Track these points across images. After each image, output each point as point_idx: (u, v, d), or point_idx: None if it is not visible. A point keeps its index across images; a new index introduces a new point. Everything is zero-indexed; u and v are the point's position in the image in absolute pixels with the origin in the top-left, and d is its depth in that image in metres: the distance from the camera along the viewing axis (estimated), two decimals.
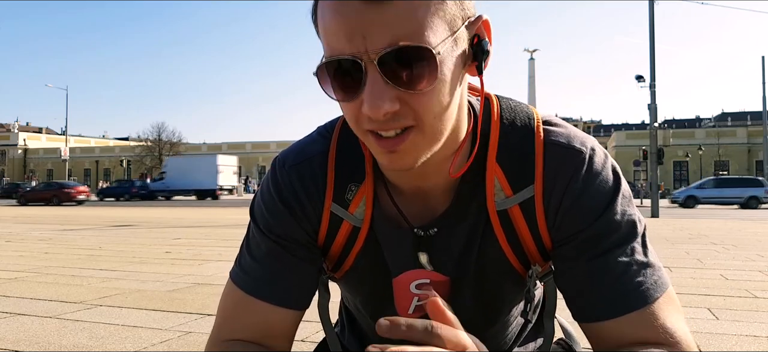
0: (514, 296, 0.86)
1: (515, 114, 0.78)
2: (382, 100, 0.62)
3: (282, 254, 0.80)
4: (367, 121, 0.65)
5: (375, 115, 0.62)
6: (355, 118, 0.67)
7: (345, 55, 0.62)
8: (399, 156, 0.66)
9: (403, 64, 0.61)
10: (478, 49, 0.68)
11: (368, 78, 0.62)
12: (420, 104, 0.64)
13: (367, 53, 0.61)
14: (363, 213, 0.80)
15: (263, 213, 0.82)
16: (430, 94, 0.64)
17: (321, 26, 0.65)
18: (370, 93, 0.62)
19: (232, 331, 0.81)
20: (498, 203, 0.76)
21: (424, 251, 0.80)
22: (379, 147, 0.66)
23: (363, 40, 0.61)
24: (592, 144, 0.76)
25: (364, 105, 0.63)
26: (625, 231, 0.73)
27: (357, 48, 0.61)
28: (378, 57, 0.61)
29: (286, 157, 0.84)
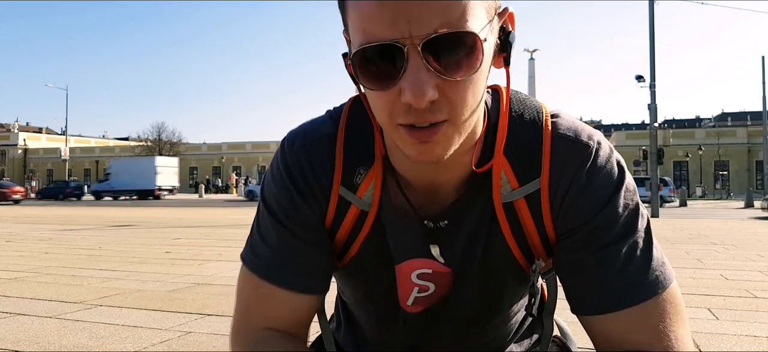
0: (516, 290, 0.86)
1: (524, 107, 0.78)
2: (425, 86, 0.60)
3: (294, 238, 0.80)
4: (404, 114, 0.63)
5: (418, 103, 0.60)
6: (388, 109, 0.64)
7: (387, 40, 0.60)
8: (430, 148, 0.65)
9: (446, 51, 0.60)
10: (506, 41, 0.68)
11: (410, 65, 0.60)
12: (458, 95, 0.62)
13: (411, 38, 0.59)
14: (371, 197, 0.79)
15: (274, 194, 0.81)
16: (468, 83, 0.63)
17: (355, 11, 0.63)
18: (413, 80, 0.60)
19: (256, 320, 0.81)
20: (504, 195, 0.76)
21: (435, 244, 0.80)
22: (410, 138, 0.64)
23: (407, 25, 0.59)
24: (599, 138, 0.77)
25: (405, 92, 0.60)
26: (626, 225, 0.72)
27: (401, 33, 0.59)
28: (422, 42, 0.59)
29: (294, 138, 0.82)
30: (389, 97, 0.63)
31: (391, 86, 0.62)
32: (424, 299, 0.85)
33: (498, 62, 0.70)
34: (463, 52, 0.61)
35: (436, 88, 0.61)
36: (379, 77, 0.63)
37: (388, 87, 0.62)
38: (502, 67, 0.70)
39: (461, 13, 0.60)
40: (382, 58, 0.61)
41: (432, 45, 0.59)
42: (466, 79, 0.62)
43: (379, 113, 0.67)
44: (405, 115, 0.63)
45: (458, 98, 0.63)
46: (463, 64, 0.61)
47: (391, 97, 0.63)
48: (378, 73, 0.62)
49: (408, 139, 0.65)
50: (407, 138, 0.65)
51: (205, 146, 69.87)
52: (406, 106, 0.62)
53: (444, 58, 0.60)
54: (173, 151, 58.59)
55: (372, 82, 0.64)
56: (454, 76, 0.61)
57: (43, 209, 21.17)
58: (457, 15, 0.60)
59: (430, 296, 0.84)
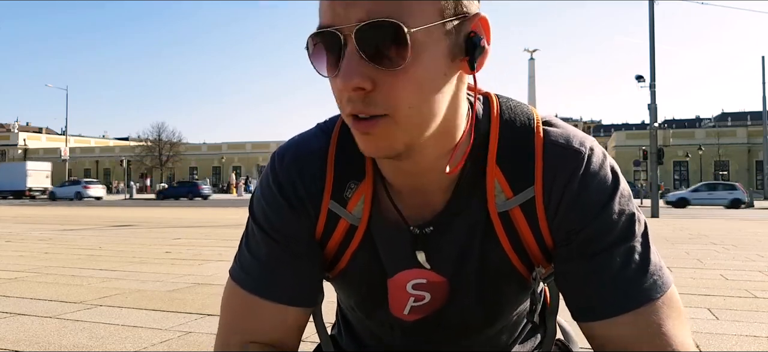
0: (517, 297, 0.85)
1: (515, 114, 0.78)
2: (352, 72, 0.62)
3: (282, 251, 0.79)
4: (347, 103, 0.65)
5: (346, 87, 0.62)
6: (339, 97, 0.67)
7: (327, 27, 0.63)
8: (372, 140, 0.66)
9: (375, 40, 0.61)
10: (469, 45, 0.67)
11: (347, 51, 0.62)
12: (392, 89, 0.63)
13: (348, 25, 0.62)
14: (361, 212, 0.79)
15: (263, 208, 0.81)
16: (405, 77, 0.63)
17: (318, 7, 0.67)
18: (345, 65, 0.62)
19: (241, 334, 0.80)
20: (499, 204, 0.76)
21: (421, 250, 0.79)
22: (355, 128, 0.67)
23: (344, 13, 0.62)
24: (591, 144, 0.76)
25: (338, 78, 0.63)
26: (623, 230, 0.72)
27: (339, 20, 0.62)
28: (355, 29, 0.61)
29: (285, 152, 0.82)
30: (336, 84, 0.65)
31: (335, 74, 0.64)
32: (420, 308, 0.84)
33: (463, 67, 0.69)
34: (392, 43, 0.62)
35: (370, 80, 0.62)
36: (330, 65, 0.65)
37: (333, 74, 0.65)
38: (468, 71, 0.69)
39: (397, 7, 0.61)
40: (327, 46, 0.64)
41: (362, 33, 0.61)
42: (400, 72, 0.62)
43: (337, 102, 0.69)
44: (347, 104, 0.65)
45: (393, 92, 0.63)
46: (392, 56, 0.62)
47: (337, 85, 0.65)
48: (328, 61, 0.65)
49: (355, 130, 0.67)
50: (354, 129, 0.67)
51: (205, 146, 69.86)
52: (346, 94, 0.64)
53: (375, 47, 0.62)
54: (173, 151, 58.55)
55: (322, 68, 0.66)
56: (385, 66, 0.62)
57: (43, 209, 21.16)
58: (392, 7, 0.61)
59: (427, 305, 0.83)
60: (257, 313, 0.79)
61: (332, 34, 0.63)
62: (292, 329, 0.82)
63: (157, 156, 57.97)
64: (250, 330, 0.80)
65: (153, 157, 58.40)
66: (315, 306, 0.84)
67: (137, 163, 57.87)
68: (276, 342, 0.81)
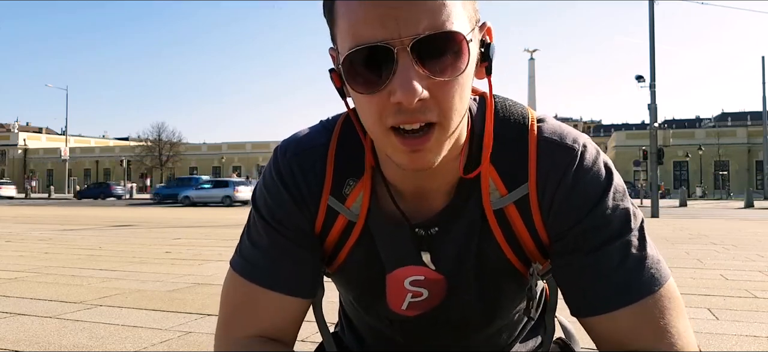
0: (515, 294, 0.86)
1: (509, 113, 0.79)
2: (416, 84, 0.61)
3: (284, 241, 0.80)
4: (394, 115, 0.64)
5: (408, 101, 0.61)
6: (378, 112, 0.65)
7: (376, 41, 0.61)
8: (422, 155, 0.66)
9: (434, 52, 0.62)
10: (486, 52, 0.70)
11: (399, 65, 0.61)
12: (446, 96, 0.64)
13: (400, 39, 0.61)
14: (359, 208, 0.80)
15: (265, 199, 0.82)
16: (455, 84, 0.64)
17: (344, 16, 0.64)
18: (403, 79, 0.61)
19: (241, 324, 0.81)
20: (493, 202, 0.77)
21: (426, 251, 0.80)
22: (402, 145, 0.65)
23: (396, 26, 0.61)
24: (584, 140, 0.77)
25: (396, 92, 0.61)
26: (618, 225, 0.73)
27: (390, 34, 0.61)
28: (412, 42, 0.61)
29: (287, 146, 0.84)
30: (379, 100, 0.64)
31: (380, 89, 0.63)
32: (418, 304, 0.85)
33: (480, 73, 0.72)
34: (450, 52, 0.63)
35: (425, 89, 0.62)
36: (368, 81, 0.64)
37: (377, 90, 0.63)
38: (484, 77, 0.72)
39: (448, 16, 0.62)
40: (371, 62, 0.63)
41: (420, 45, 0.61)
42: (453, 80, 0.64)
43: (369, 118, 0.67)
44: (395, 115, 0.64)
45: (447, 100, 0.64)
46: (450, 65, 0.63)
47: (381, 100, 0.64)
48: (367, 77, 0.64)
49: (400, 147, 0.66)
50: (399, 146, 0.66)
51: (205, 146, 69.91)
52: (395, 107, 0.63)
53: (432, 58, 0.62)
54: (173, 151, 58.54)
55: (361, 86, 0.65)
56: (442, 76, 0.63)
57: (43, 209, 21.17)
58: (444, 17, 0.62)
59: (425, 301, 0.84)
60: (257, 302, 0.80)
61: (381, 49, 0.61)
62: (291, 320, 0.82)
63: (157, 156, 57.97)
64: (250, 320, 0.81)
65: (153, 157, 58.40)
66: (314, 298, 0.85)
67: (137, 163, 57.88)
68: (275, 332, 0.82)
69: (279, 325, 0.82)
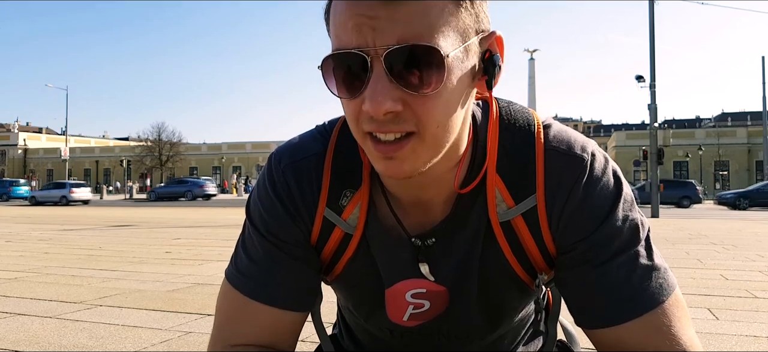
0: (519, 303, 0.85)
1: (514, 119, 0.77)
2: (384, 97, 0.60)
3: (279, 254, 0.78)
4: (367, 122, 0.63)
5: (375, 113, 0.60)
6: (355, 117, 0.65)
7: (351, 48, 0.61)
8: (396, 163, 0.64)
9: (410, 65, 0.60)
10: (489, 64, 0.67)
11: (373, 74, 0.60)
12: (423, 110, 0.62)
13: (375, 48, 0.60)
14: (356, 220, 0.78)
15: (260, 211, 0.80)
16: (435, 100, 0.62)
17: (332, 22, 0.64)
18: (372, 89, 0.60)
19: (234, 336, 0.79)
20: (500, 214, 0.74)
21: (424, 261, 0.78)
22: (376, 151, 0.64)
23: (372, 34, 0.59)
24: (593, 149, 0.75)
25: (365, 102, 0.61)
26: (627, 237, 0.72)
27: (365, 41, 0.60)
28: (385, 52, 0.59)
29: (282, 155, 0.81)
30: (355, 105, 0.63)
31: (357, 95, 0.62)
32: (420, 315, 0.83)
33: (480, 86, 0.69)
34: (428, 67, 0.60)
35: (401, 101, 0.61)
36: (346, 85, 0.63)
37: (354, 96, 0.63)
38: (484, 91, 0.69)
39: (427, 28, 0.60)
40: (350, 67, 0.62)
41: (394, 57, 0.59)
42: (430, 95, 0.61)
43: (350, 122, 0.67)
44: (368, 122, 0.63)
45: (424, 113, 0.62)
46: (425, 80, 0.61)
47: (357, 105, 0.63)
48: (345, 81, 0.63)
49: (375, 153, 0.65)
50: (374, 152, 0.65)
51: (205, 146, 69.89)
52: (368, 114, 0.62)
53: (407, 71, 0.60)
54: (173, 151, 58.50)
55: (340, 90, 0.64)
56: (417, 90, 0.61)
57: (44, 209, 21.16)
58: (422, 29, 0.59)
59: (427, 312, 0.83)
60: (252, 316, 0.79)
61: (356, 56, 0.61)
62: (287, 333, 0.81)
63: (157, 156, 57.93)
64: (244, 332, 0.79)
65: (153, 157, 58.36)
66: (311, 310, 0.84)
67: (137, 163, 57.83)
68: (271, 344, 0.80)
69: (276, 338, 0.80)
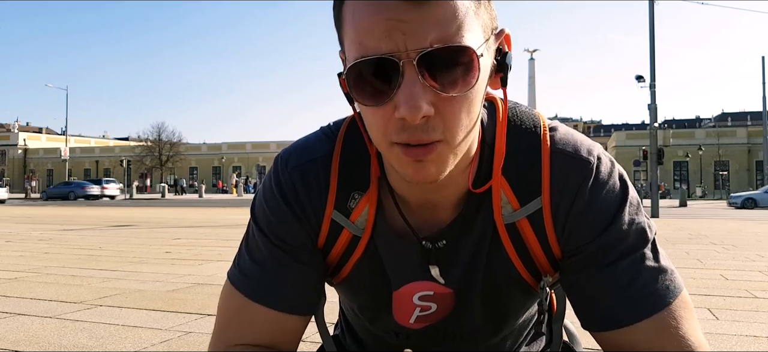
0: (523, 304, 0.85)
1: (521, 121, 0.76)
2: (420, 101, 0.58)
3: (284, 257, 0.78)
4: (398, 132, 0.61)
5: (412, 118, 0.59)
6: (383, 126, 0.63)
7: (382, 53, 0.59)
8: (425, 167, 0.63)
9: (443, 67, 0.59)
10: (503, 61, 0.67)
11: (405, 79, 0.59)
12: (452, 113, 0.61)
13: (407, 52, 0.58)
14: (364, 222, 0.78)
15: (265, 213, 0.79)
16: (464, 100, 0.61)
17: (351, 25, 0.62)
18: (407, 94, 0.58)
19: (235, 338, 0.79)
20: (505, 216, 0.74)
21: (434, 264, 0.78)
22: (405, 156, 0.63)
23: (403, 38, 0.58)
24: (599, 152, 0.75)
25: (400, 107, 0.59)
26: (634, 239, 0.72)
27: (396, 46, 0.58)
28: (418, 56, 0.58)
29: (289, 157, 0.81)
30: (384, 113, 0.62)
31: (386, 102, 0.61)
32: (427, 317, 0.83)
33: (495, 83, 0.69)
34: (459, 67, 0.60)
35: (431, 105, 0.60)
36: (373, 93, 0.61)
37: (382, 102, 0.61)
38: (499, 88, 0.69)
39: (457, 29, 0.59)
40: (377, 73, 0.60)
41: (427, 59, 0.58)
42: (461, 96, 0.61)
43: (374, 131, 0.65)
44: (399, 132, 0.61)
45: (453, 116, 0.61)
46: (458, 80, 0.60)
47: (386, 114, 0.61)
48: (373, 89, 0.61)
49: (403, 158, 0.63)
50: (402, 157, 0.63)
51: (205, 146, 69.89)
52: (400, 122, 0.60)
53: (439, 73, 0.59)
54: (173, 151, 58.50)
55: (366, 98, 0.62)
56: (450, 91, 0.60)
57: (43, 209, 21.16)
58: (453, 30, 0.59)
59: (433, 314, 0.83)
60: (253, 318, 0.78)
61: (386, 61, 0.59)
62: (289, 336, 0.80)
63: (157, 156, 57.93)
64: (245, 334, 0.79)
65: (153, 157, 58.35)
66: (314, 313, 0.84)
67: (137, 163, 57.84)
68: (272, 346, 0.80)
69: (277, 340, 0.80)
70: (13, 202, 32.10)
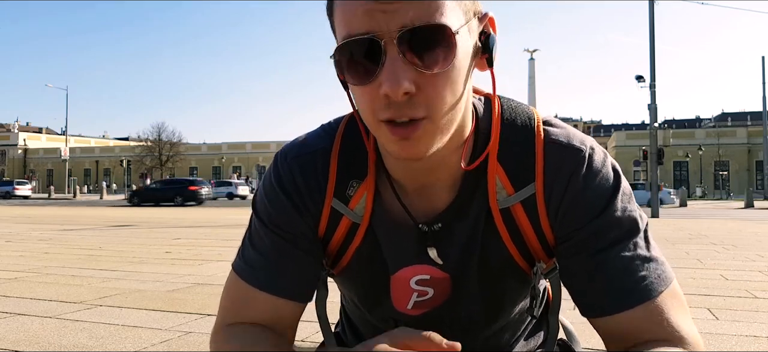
0: (518, 293, 0.86)
1: (516, 114, 0.79)
2: (401, 78, 0.62)
3: (285, 245, 0.81)
4: (384, 108, 0.65)
5: (394, 94, 0.62)
6: (370, 104, 0.66)
7: (364, 33, 0.63)
8: (412, 144, 0.66)
9: (421, 45, 0.62)
10: (486, 43, 0.70)
11: (387, 57, 0.62)
12: (434, 90, 0.64)
13: (388, 31, 0.62)
14: (363, 209, 0.80)
15: (265, 205, 0.82)
16: (445, 78, 0.64)
17: (338, 11, 0.66)
18: (389, 71, 0.62)
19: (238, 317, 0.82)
20: (500, 201, 0.77)
21: (432, 246, 0.80)
22: (392, 135, 0.66)
23: (384, 17, 0.62)
24: (592, 143, 0.78)
25: (383, 84, 0.63)
26: (626, 227, 0.74)
27: (378, 26, 0.62)
28: (398, 34, 0.62)
29: (288, 150, 0.84)
30: (371, 91, 0.65)
31: (372, 80, 0.64)
32: (424, 303, 0.85)
33: (481, 65, 0.72)
34: (439, 46, 0.63)
35: (414, 83, 0.63)
36: (360, 72, 0.65)
37: (368, 81, 0.65)
38: (486, 69, 0.73)
39: (436, 9, 0.63)
40: (363, 54, 0.64)
41: (407, 37, 0.62)
42: (442, 73, 0.64)
43: (364, 110, 0.69)
44: (385, 109, 0.65)
45: (435, 93, 0.65)
46: (438, 58, 0.63)
47: (373, 92, 0.65)
48: (359, 69, 0.65)
49: (390, 136, 0.66)
50: (389, 135, 0.66)
51: (205, 146, 69.94)
52: (385, 100, 0.64)
53: (419, 51, 0.63)
54: (173, 151, 58.52)
55: (354, 77, 0.66)
56: (430, 69, 0.63)
57: (43, 209, 21.17)
58: (432, 10, 0.62)
59: (430, 300, 0.85)
60: (254, 303, 0.81)
61: (370, 41, 0.63)
62: (286, 321, 0.83)
63: (157, 156, 57.95)
64: (246, 316, 0.82)
65: (153, 157, 58.37)
66: (310, 301, 0.85)
67: (137, 163, 57.86)
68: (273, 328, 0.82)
69: (276, 323, 0.82)
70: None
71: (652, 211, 15.88)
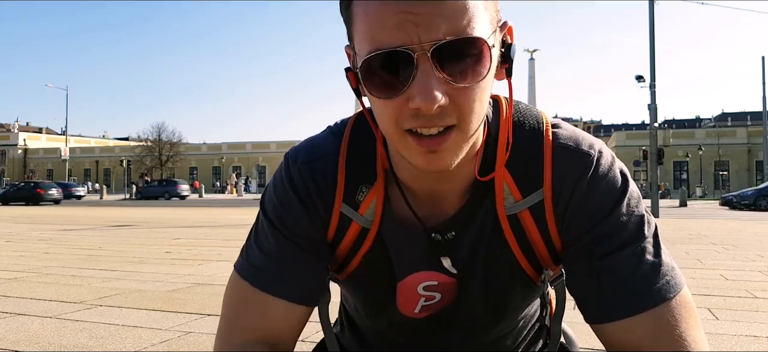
0: (523, 299, 0.85)
1: (524, 117, 0.78)
2: (435, 91, 0.60)
3: (292, 248, 0.79)
4: (411, 119, 0.63)
5: (427, 108, 0.60)
6: (395, 117, 0.64)
7: (396, 47, 0.60)
8: (439, 157, 0.65)
9: (454, 57, 0.61)
10: (507, 53, 0.69)
11: (419, 71, 0.60)
12: (465, 101, 0.63)
13: (421, 44, 0.59)
14: (373, 214, 0.79)
15: (275, 205, 0.81)
16: (475, 90, 0.63)
17: (362, 18, 0.63)
18: (423, 85, 0.60)
19: (241, 328, 0.80)
20: (507, 207, 0.76)
21: (446, 256, 0.79)
22: (419, 147, 0.64)
23: (416, 31, 0.59)
24: (600, 147, 0.76)
25: (415, 98, 0.60)
26: (633, 231, 0.72)
27: (410, 39, 0.59)
28: (432, 48, 0.59)
29: (298, 153, 0.83)
30: (397, 104, 0.63)
31: (399, 94, 0.62)
32: (430, 307, 0.84)
33: (500, 74, 0.70)
34: (472, 58, 0.61)
35: (445, 95, 0.61)
36: (386, 86, 0.62)
37: (395, 95, 0.62)
38: (504, 78, 0.71)
39: (469, 20, 0.60)
40: (389, 67, 0.61)
41: (441, 51, 0.60)
42: (473, 86, 0.62)
43: (385, 122, 0.66)
44: (412, 119, 0.63)
45: (466, 104, 0.63)
46: (470, 71, 0.62)
47: (399, 105, 0.63)
48: (385, 82, 0.62)
49: (416, 148, 0.64)
50: (415, 147, 0.64)
51: (205, 146, 69.87)
52: (413, 111, 0.62)
53: (453, 64, 0.61)
54: (173, 151, 58.48)
55: (379, 91, 0.63)
56: (463, 82, 0.61)
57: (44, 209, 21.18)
58: (465, 22, 0.60)
59: (437, 304, 0.84)
60: (260, 308, 0.79)
61: (400, 54, 0.60)
62: (293, 326, 0.82)
63: (157, 156, 57.91)
64: (251, 325, 0.80)
65: (153, 157, 58.33)
66: (316, 305, 0.84)
67: (137, 163, 57.80)
68: (276, 337, 0.81)
69: (280, 330, 0.81)
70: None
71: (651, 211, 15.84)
